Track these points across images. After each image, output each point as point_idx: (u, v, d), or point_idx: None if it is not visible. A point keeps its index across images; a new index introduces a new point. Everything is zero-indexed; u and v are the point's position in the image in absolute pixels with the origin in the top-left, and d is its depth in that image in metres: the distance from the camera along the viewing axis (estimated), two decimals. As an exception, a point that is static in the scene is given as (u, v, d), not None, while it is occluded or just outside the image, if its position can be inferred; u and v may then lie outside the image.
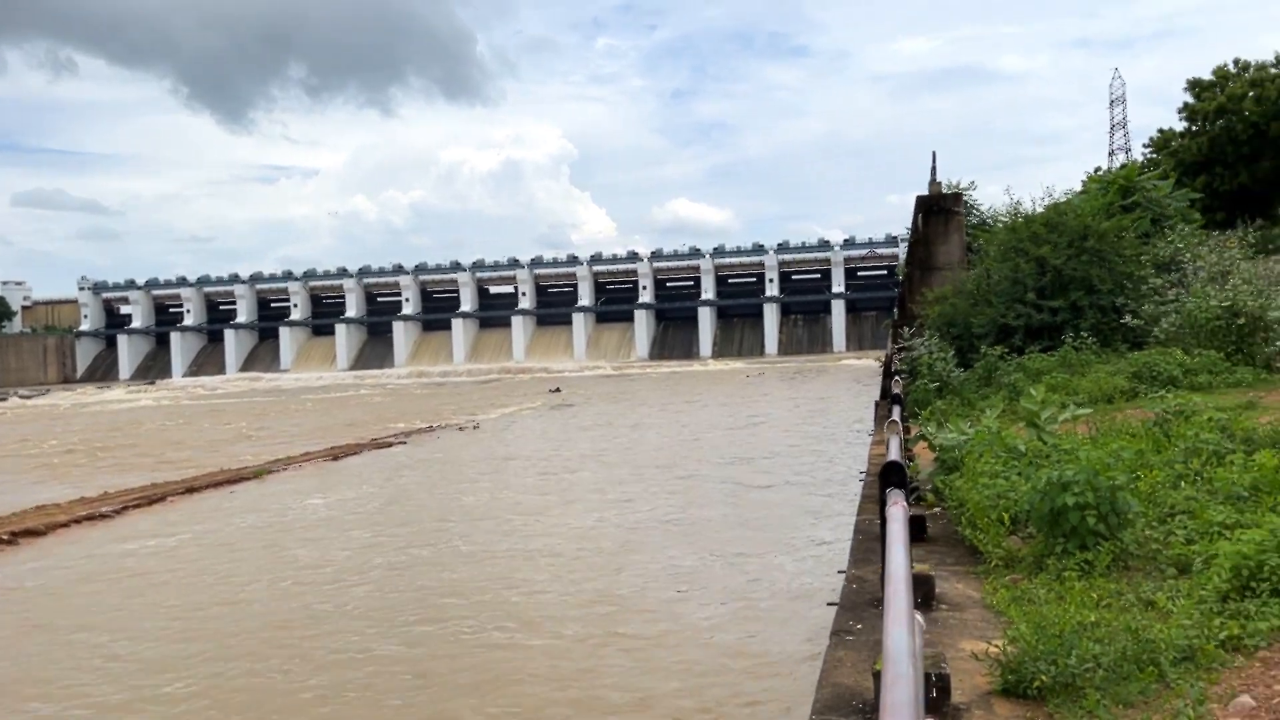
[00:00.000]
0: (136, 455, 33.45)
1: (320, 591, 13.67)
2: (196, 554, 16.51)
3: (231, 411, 57.21)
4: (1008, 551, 7.45)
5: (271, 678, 10.18)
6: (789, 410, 42.27)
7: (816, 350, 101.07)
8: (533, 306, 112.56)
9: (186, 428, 45.98)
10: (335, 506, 20.91)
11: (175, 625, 12.30)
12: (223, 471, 26.32)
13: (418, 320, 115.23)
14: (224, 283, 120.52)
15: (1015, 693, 4.99)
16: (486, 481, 23.92)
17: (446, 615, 12.16)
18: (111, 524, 19.68)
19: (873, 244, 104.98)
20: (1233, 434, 9.31)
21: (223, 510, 20.87)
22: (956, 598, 6.90)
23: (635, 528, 17.34)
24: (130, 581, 14.72)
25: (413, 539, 17.13)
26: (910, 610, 1.80)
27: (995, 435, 9.69)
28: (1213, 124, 55.19)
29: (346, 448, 32.11)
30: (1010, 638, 5.29)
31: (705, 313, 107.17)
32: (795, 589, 12.78)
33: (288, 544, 17.06)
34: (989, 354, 19.42)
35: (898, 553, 2.18)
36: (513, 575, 14.12)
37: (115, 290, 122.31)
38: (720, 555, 14.78)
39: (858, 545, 8.65)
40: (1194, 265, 20.56)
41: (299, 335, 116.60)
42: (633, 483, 22.56)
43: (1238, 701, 4.60)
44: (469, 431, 37.98)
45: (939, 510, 9.66)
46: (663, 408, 47.30)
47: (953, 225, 26.43)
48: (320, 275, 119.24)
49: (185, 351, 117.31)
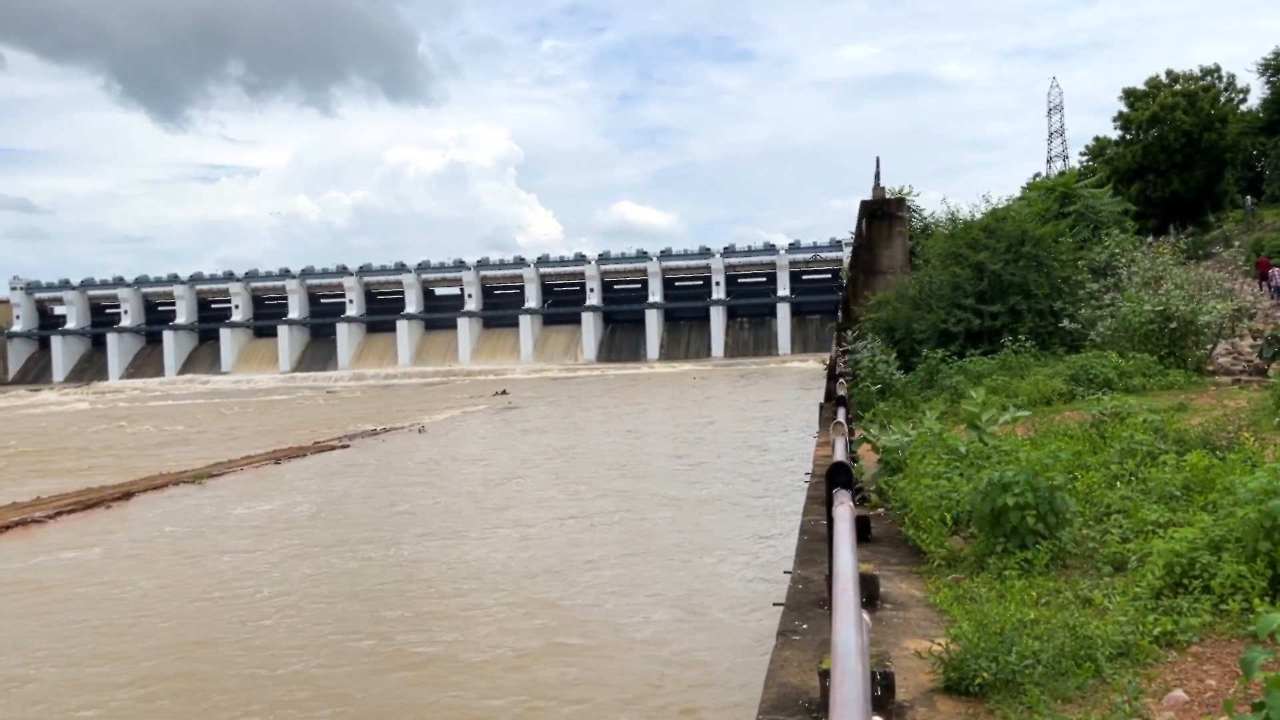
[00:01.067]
0: (71, 459, 32.60)
1: (252, 601, 13.43)
2: (129, 561, 16.12)
3: (170, 414, 56.02)
4: (950, 551, 7.57)
5: (196, 692, 9.97)
6: (735, 413, 42.52)
7: (762, 353, 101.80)
8: (479, 308, 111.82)
9: (123, 431, 44.92)
10: (274, 511, 20.57)
11: (101, 636, 11.99)
12: (161, 475, 25.77)
13: (362, 322, 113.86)
14: (163, 283, 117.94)
15: (958, 690, 5.07)
16: (430, 486, 23.71)
17: (383, 628, 11.80)
18: (44, 529, 19.16)
19: (817, 248, 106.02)
20: (1165, 435, 9.56)
21: (159, 515, 20.42)
22: (900, 597, 6.99)
23: (578, 533, 17.30)
24: (55, 591, 14.33)
25: (352, 545, 16.89)
26: (858, 608, 1.83)
27: (937, 436, 9.85)
28: (1146, 133, 56.68)
29: (289, 451, 31.63)
30: (953, 636, 5.38)
31: (653, 315, 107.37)
32: (741, 591, 12.85)
33: (223, 550, 16.74)
34: (930, 357, 19.70)
35: (845, 552, 2.20)
36: (450, 584, 13.85)
37: (49, 290, 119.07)
38: (662, 558, 14.78)
39: (803, 546, 8.72)
40: (1129, 270, 21.07)
41: (240, 337, 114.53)
42: (576, 488, 22.52)
43: (1171, 695, 4.72)
44: (414, 434, 37.62)
45: (883, 511, 9.78)
46: (609, 410, 47.29)
47: (896, 230, 26.77)
48: (262, 276, 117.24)
49: (122, 353, 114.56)
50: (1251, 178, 66.80)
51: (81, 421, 52.39)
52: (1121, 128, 58.99)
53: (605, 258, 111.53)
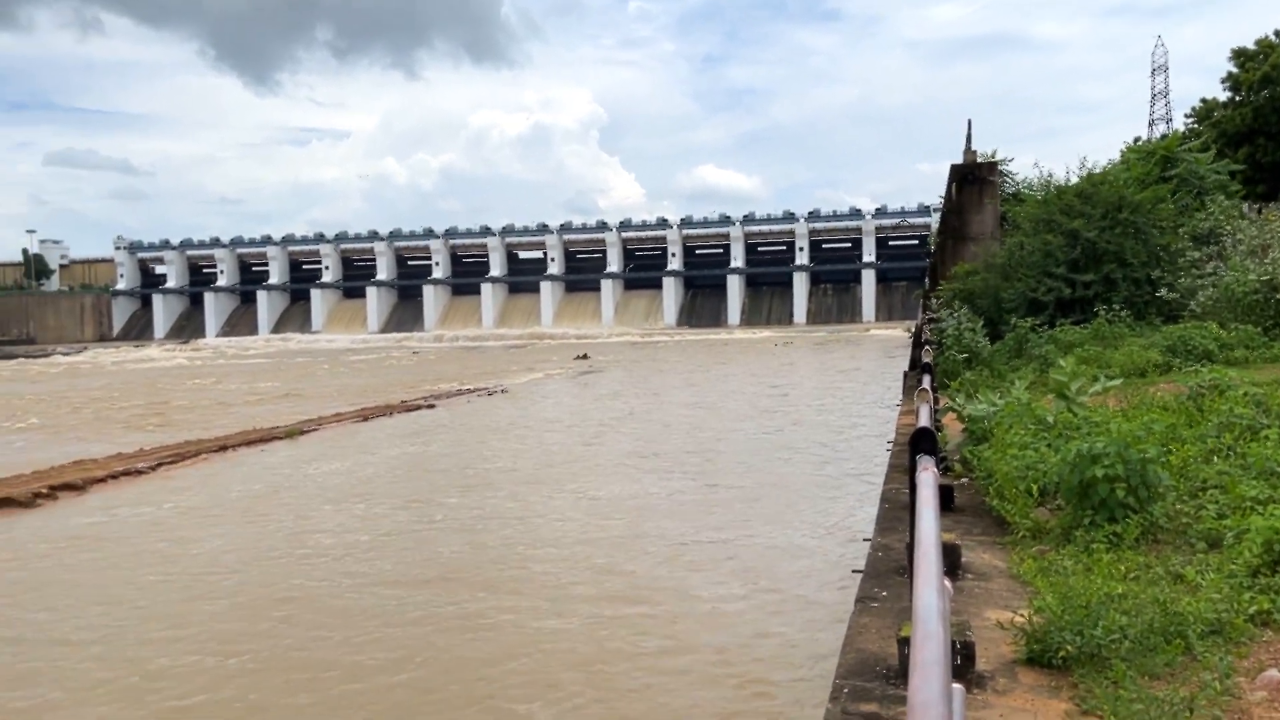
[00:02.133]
0: (171, 412, 33.96)
1: (338, 554, 13.87)
2: (220, 513, 16.78)
3: (264, 372, 57.86)
4: (1035, 523, 7.43)
5: (281, 638, 10.37)
6: (816, 380, 42.16)
7: (845, 320, 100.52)
8: (561, 272, 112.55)
9: (220, 387, 46.57)
10: (359, 468, 21.16)
11: (196, 583, 12.53)
12: (255, 431, 26.68)
13: (447, 284, 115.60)
14: (257, 244, 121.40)
15: (1040, 662, 5.01)
16: (510, 448, 24.10)
17: (456, 590, 11.78)
18: (147, 479, 20.04)
19: (904, 213, 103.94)
20: (1268, 409, 9.19)
21: (252, 469, 21.18)
22: (982, 567, 6.90)
23: (652, 498, 17.43)
24: (158, 537, 15.01)
25: (431, 504, 17.28)
26: (940, 573, 1.82)
27: (1025, 406, 9.62)
28: (1257, 94, 53.91)
29: (376, 409, 32.42)
30: (1036, 608, 5.30)
31: (734, 280, 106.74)
32: (818, 561, 12.82)
33: (311, 504, 17.30)
34: (1020, 326, 19.22)
35: (927, 517, 2.18)
36: (523, 548, 13.84)
37: (151, 250, 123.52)
38: (738, 526, 14.78)
39: (884, 514, 8.66)
40: (1233, 238, 20.20)
41: (330, 297, 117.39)
42: (652, 452, 22.65)
43: (1265, 675, 4.59)
44: (497, 396, 38.21)
45: (966, 481, 9.63)
46: (689, 376, 47.33)
47: (987, 195, 26.08)
48: (351, 238, 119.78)
49: (219, 312, 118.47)
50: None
51: (181, 377, 54.48)
52: (1230, 89, 56.18)
53: (687, 222, 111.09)
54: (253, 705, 8.54)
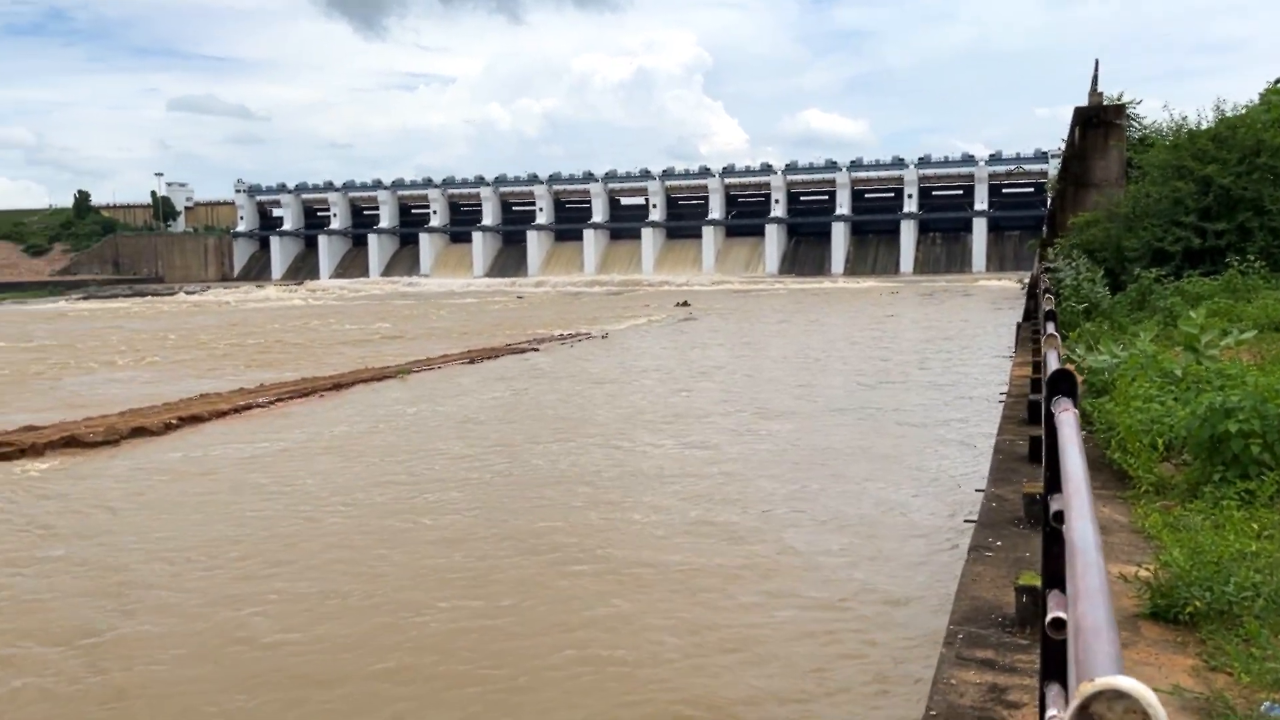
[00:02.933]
0: (289, 350, 35.30)
1: (451, 485, 14.29)
2: (337, 449, 17.44)
3: (375, 313, 59.53)
4: (1159, 477, 7.20)
5: (371, 565, 10.76)
6: (922, 332, 41.30)
7: (954, 270, 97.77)
8: (663, 219, 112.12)
9: (335, 327, 48.15)
10: (468, 408, 21.68)
11: (295, 515, 13.09)
12: (368, 369, 27.55)
13: (550, 230, 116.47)
14: (368, 188, 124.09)
15: (1165, 617, 4.89)
16: (609, 392, 24.34)
17: (550, 537, 11.69)
18: (265, 414, 20.93)
19: (1020, 159, 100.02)
20: None
21: (365, 405, 21.91)
22: (1103, 521, 6.72)
23: (751, 448, 17.40)
24: (268, 469, 15.70)
25: (532, 445, 17.53)
26: (1093, 508, 1.79)
27: (1150, 359, 9.28)
28: None
29: (482, 351, 33.09)
30: (1162, 562, 5.16)
31: (839, 228, 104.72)
32: (923, 516, 12.64)
33: (422, 442, 17.83)
34: (1144, 277, 18.44)
35: (1073, 454, 2.14)
36: (618, 495, 13.71)
37: (268, 193, 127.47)
38: (839, 479, 14.54)
39: (998, 465, 8.50)
40: (1385, 186, 18.91)
41: (437, 241, 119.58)
42: (752, 400, 22.58)
43: None
44: (598, 341, 38.55)
45: (1085, 434, 9.36)
46: (790, 325, 46.89)
47: (1113, 139, 24.92)
48: (458, 183, 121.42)
49: (332, 254, 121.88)
50: None
51: (297, 317, 56.49)
52: (1387, 25, 52.13)
53: (791, 168, 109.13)
54: (341, 644, 8.81)
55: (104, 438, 17.85)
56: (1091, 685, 0.92)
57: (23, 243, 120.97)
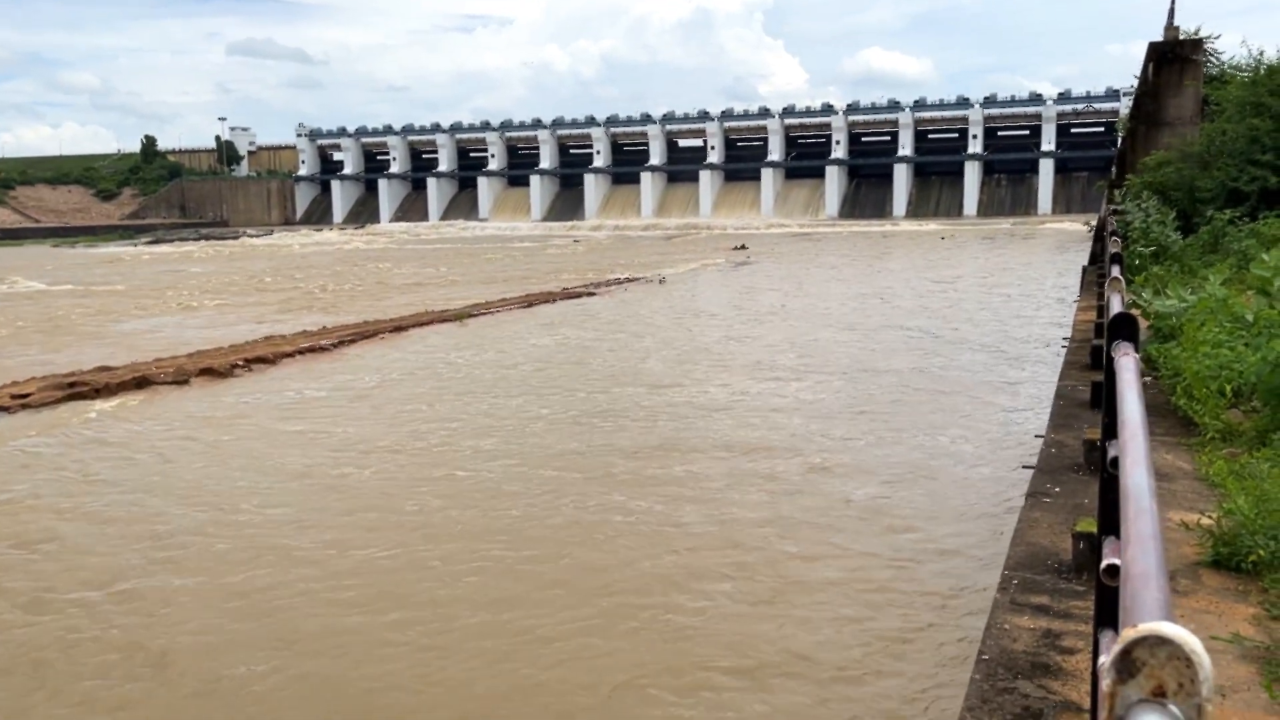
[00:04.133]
0: (351, 294, 35.84)
1: (501, 435, 14.50)
2: (396, 389, 17.76)
3: (435, 256, 60.02)
4: (1226, 424, 7.04)
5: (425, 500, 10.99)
6: (985, 276, 40.55)
7: (1019, 212, 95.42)
8: (721, 161, 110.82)
9: (396, 270, 48.70)
10: (526, 351, 21.88)
11: (344, 458, 13.39)
12: (428, 313, 27.88)
13: (608, 173, 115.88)
14: (426, 132, 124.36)
15: (1227, 565, 4.82)
16: (666, 338, 24.37)
17: (602, 484, 11.77)
18: (330, 356, 21.34)
19: (1090, 98, 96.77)
20: None
21: (425, 348, 22.24)
22: (1165, 468, 6.61)
23: (808, 395, 17.35)
24: (344, 408, 16.06)
25: (588, 390, 17.71)
26: (1148, 455, 1.77)
27: (1220, 303, 9.02)
28: None
29: (540, 295, 33.26)
30: (1225, 510, 5.07)
31: (901, 170, 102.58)
32: (989, 458, 12.54)
33: (481, 385, 18.07)
34: (1217, 218, 17.83)
35: (1131, 399, 2.11)
36: (673, 443, 13.72)
37: (329, 138, 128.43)
38: (895, 428, 14.45)
39: (1058, 410, 8.38)
40: None
41: (495, 185, 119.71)
42: (809, 345, 22.48)
43: None
44: (655, 285, 38.49)
45: (1150, 380, 9.17)
46: (851, 269, 46.34)
47: (1188, 76, 23.95)
48: (516, 126, 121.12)
49: (391, 198, 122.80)
50: None
51: (359, 260, 57.19)
52: None
53: (853, 108, 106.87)
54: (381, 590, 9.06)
55: (174, 378, 18.39)
56: (1134, 631, 0.92)
57: (93, 187, 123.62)
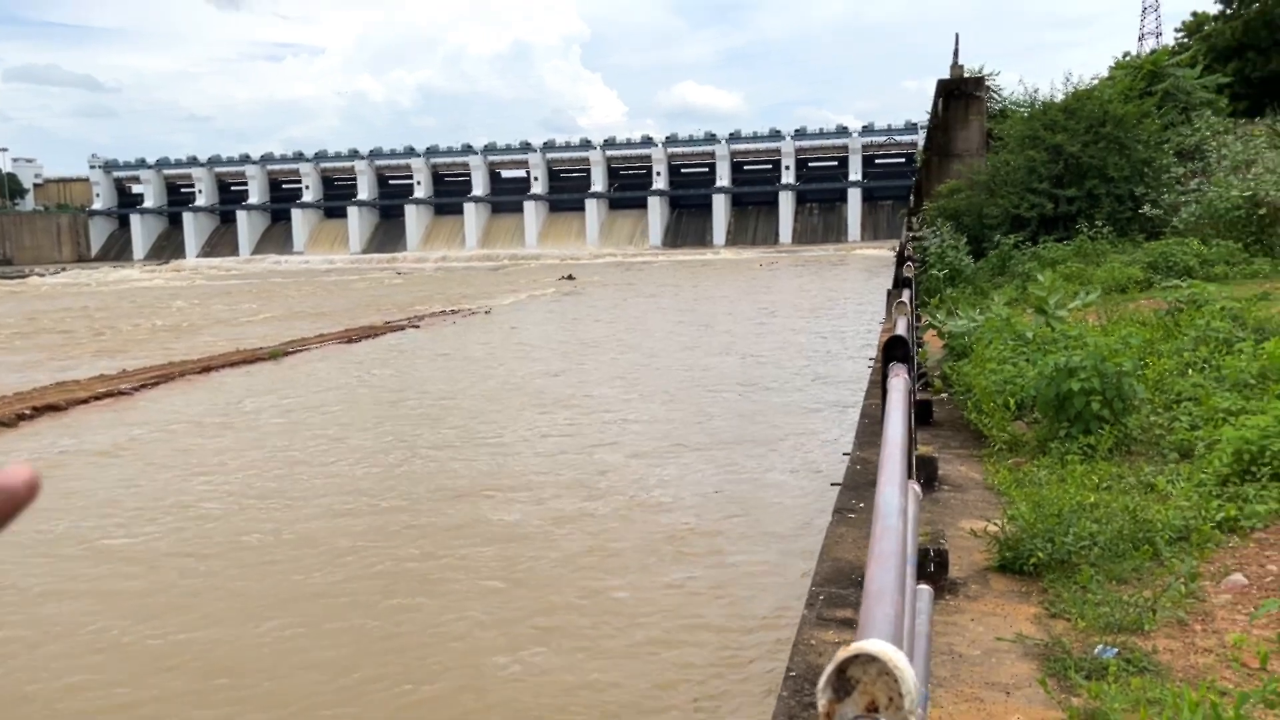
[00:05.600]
0: (155, 333, 33.76)
1: (316, 476, 13.97)
2: (201, 436, 16.82)
3: (246, 293, 57.41)
4: (1012, 436, 7.53)
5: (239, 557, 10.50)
6: (800, 300, 42.20)
7: (832, 239, 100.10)
8: (545, 191, 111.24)
9: (202, 308, 46.25)
10: (344, 390, 21.18)
11: (173, 510, 12.63)
12: (239, 352, 26.58)
13: (430, 204, 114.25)
14: (235, 163, 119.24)
15: (1012, 569, 5.13)
16: (492, 369, 24.13)
17: (421, 511, 11.76)
18: (129, 401, 20.00)
19: (891, 131, 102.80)
20: (1244, 323, 9.27)
21: (235, 391, 21.16)
22: (959, 479, 7.00)
23: (639, 416, 17.54)
24: (131, 462, 15.06)
25: (414, 428, 17.34)
26: (904, 473, 1.84)
27: (1004, 322, 9.68)
28: (1247, 7, 53.08)
29: (361, 330, 32.31)
30: (1009, 517, 5.40)
31: (720, 200, 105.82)
32: (802, 473, 12.98)
33: (292, 425, 17.34)
34: (1003, 243, 19.23)
35: (895, 419, 2.20)
36: (497, 469, 13.87)
37: (127, 169, 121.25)
38: (723, 441, 14.91)
39: (863, 428, 8.74)
40: (1218, 154, 20.11)
41: (311, 217, 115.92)
42: (636, 372, 22.73)
43: (1230, 579, 4.71)
44: (480, 317, 38.11)
45: (946, 396, 9.73)
46: (674, 296, 47.27)
47: (973, 111, 25.82)
48: (332, 157, 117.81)
49: (198, 232, 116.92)
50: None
51: (163, 298, 54.00)
52: (1222, 1, 55.32)
53: (672, 140, 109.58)
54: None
55: (-53, 432, 16.78)
56: (846, 650, 0.95)
57: None
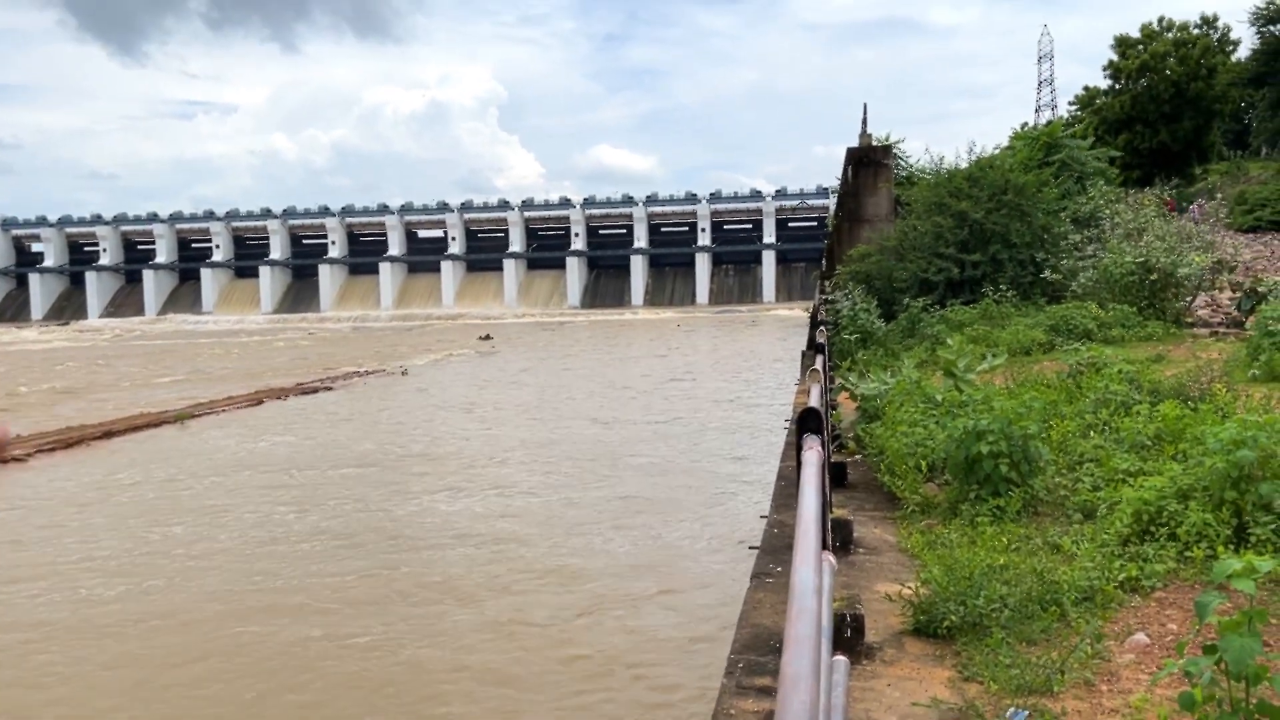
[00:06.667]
0: (53, 396, 32.44)
1: (222, 552, 13.52)
2: (107, 500, 16.16)
3: (152, 354, 55.70)
4: (924, 498, 7.67)
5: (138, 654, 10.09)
6: (718, 360, 42.65)
7: (747, 300, 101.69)
8: (463, 252, 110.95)
9: (105, 369, 44.67)
10: (253, 455, 20.59)
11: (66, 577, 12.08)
12: (142, 416, 25.69)
13: (345, 264, 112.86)
14: (142, 221, 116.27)
15: (926, 632, 5.18)
16: (408, 431, 23.77)
17: (348, 585, 11.65)
18: (20, 468, 19.13)
19: (803, 195, 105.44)
20: (1140, 385, 9.65)
21: (137, 455, 20.41)
22: (874, 542, 7.09)
23: (553, 483, 17.42)
24: (26, 530, 14.38)
25: (327, 490, 16.93)
26: (819, 550, 1.85)
27: (915, 384, 9.91)
28: (1136, 82, 56.27)
29: (271, 392, 31.56)
30: (923, 580, 5.48)
31: (638, 261, 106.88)
32: (720, 537, 12.99)
33: (199, 494, 16.78)
34: (912, 306, 19.76)
35: (809, 495, 2.22)
36: (420, 541, 13.67)
37: (26, 227, 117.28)
38: (636, 508, 14.84)
39: (779, 491, 8.80)
40: (1112, 222, 21.10)
41: (221, 277, 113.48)
42: (553, 435, 22.63)
43: (1133, 639, 4.83)
44: (396, 377, 37.59)
45: (859, 458, 9.88)
46: (592, 357, 47.36)
47: (882, 178, 26.68)
48: (243, 216, 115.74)
49: (102, 292, 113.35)
50: (1239, 130, 66.62)
51: (61, 360, 52.03)
52: (1111, 77, 58.51)
53: (590, 202, 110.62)
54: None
55: None
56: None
57: None
